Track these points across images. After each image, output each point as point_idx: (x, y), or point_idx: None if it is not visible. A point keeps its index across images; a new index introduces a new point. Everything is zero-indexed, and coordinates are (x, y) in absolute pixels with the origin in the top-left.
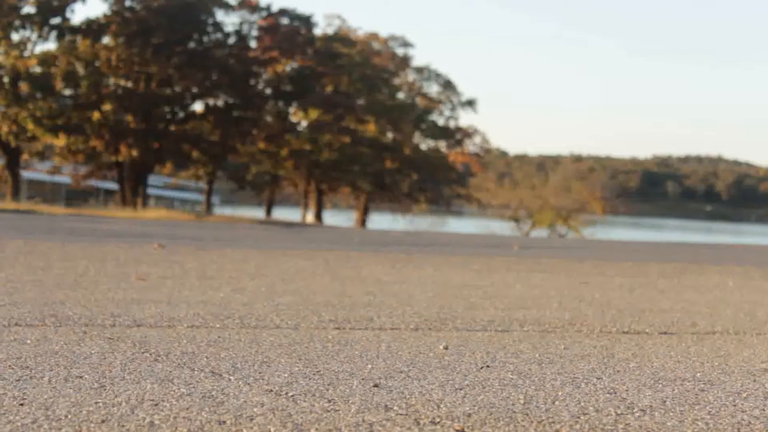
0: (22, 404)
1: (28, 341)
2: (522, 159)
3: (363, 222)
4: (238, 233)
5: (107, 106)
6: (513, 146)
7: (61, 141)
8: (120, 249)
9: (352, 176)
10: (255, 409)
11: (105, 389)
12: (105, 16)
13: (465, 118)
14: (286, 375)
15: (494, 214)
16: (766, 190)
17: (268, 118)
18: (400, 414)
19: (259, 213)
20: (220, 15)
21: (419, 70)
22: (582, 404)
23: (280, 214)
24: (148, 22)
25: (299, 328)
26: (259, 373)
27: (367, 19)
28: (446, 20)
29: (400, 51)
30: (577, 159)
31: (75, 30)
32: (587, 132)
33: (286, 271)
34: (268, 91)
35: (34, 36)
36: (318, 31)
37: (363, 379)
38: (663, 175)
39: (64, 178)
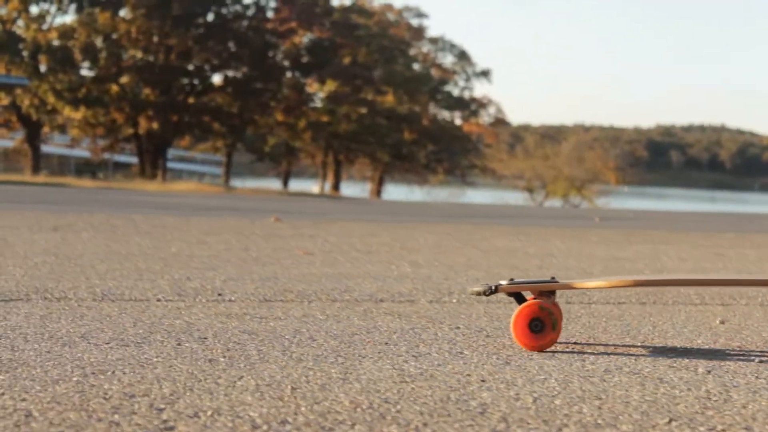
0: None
1: (320, 315)
2: (526, 129)
3: (378, 193)
4: (305, 206)
5: (126, 79)
6: (516, 117)
7: (79, 114)
8: (243, 223)
9: (370, 147)
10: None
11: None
12: None
13: (479, 89)
14: (611, 346)
15: (508, 185)
16: None
17: (286, 90)
18: None
19: (273, 185)
20: None
21: (434, 41)
22: None
23: (295, 185)
24: None
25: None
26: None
27: None
28: None
29: (414, 22)
30: (585, 129)
31: (94, 2)
32: (590, 102)
33: (425, 244)
34: (286, 62)
35: (53, 8)
36: (335, 2)
37: (697, 353)
38: (666, 145)
39: (73, 152)
